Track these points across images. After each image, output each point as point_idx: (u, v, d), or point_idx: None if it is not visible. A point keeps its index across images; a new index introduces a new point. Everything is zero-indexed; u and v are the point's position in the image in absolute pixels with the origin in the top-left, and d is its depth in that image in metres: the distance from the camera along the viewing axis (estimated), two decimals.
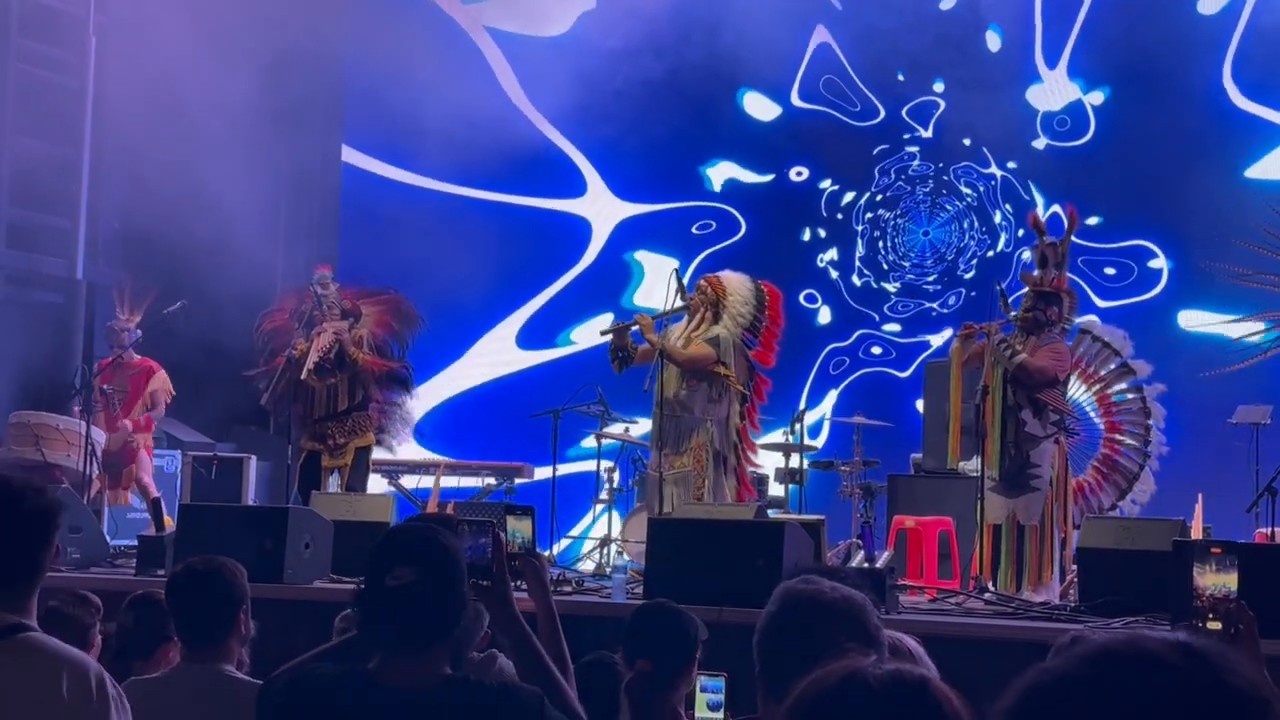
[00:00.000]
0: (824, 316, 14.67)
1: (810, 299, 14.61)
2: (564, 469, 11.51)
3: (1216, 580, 2.59)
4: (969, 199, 14.47)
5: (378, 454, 10.62)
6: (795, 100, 14.62)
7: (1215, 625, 2.57)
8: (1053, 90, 14.37)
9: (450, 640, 2.97)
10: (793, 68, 14.50)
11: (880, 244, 14.67)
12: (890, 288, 14.57)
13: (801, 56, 14.49)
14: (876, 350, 14.53)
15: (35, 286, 13.07)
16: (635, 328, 9.31)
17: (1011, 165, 14.30)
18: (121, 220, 13.59)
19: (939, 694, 1.68)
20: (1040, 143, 14.28)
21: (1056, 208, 13.68)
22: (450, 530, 3.11)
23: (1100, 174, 14.04)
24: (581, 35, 14.07)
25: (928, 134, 14.47)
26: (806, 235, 14.71)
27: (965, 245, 14.46)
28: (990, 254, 14.34)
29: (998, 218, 14.42)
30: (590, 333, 14.15)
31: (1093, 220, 13.93)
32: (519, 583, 3.30)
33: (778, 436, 10.88)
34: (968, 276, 14.33)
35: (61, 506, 3.28)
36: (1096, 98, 14.26)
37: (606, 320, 14.14)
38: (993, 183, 14.40)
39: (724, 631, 5.41)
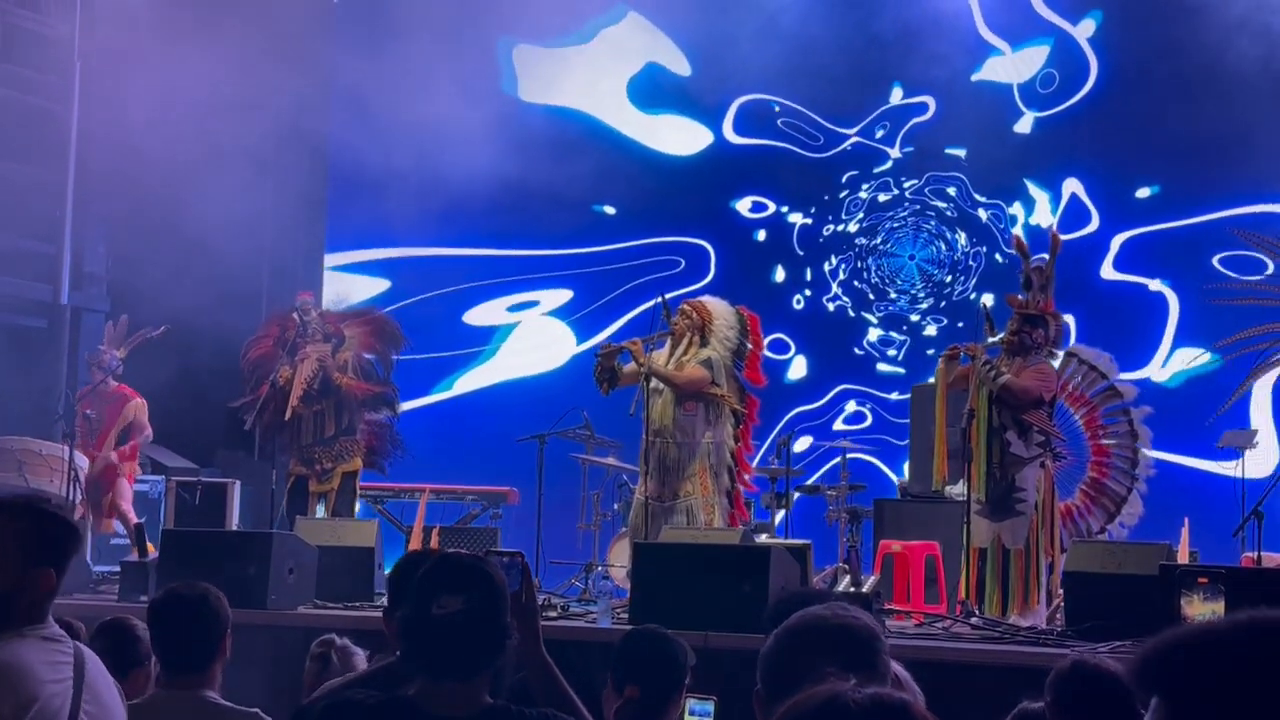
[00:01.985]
0: (797, 369, 13.49)
1: (779, 346, 13.24)
2: None
3: (1204, 609, 2.59)
4: (946, 211, 13.35)
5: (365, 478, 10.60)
6: (732, 135, 13.88)
7: None
8: (1017, 54, 12.41)
9: (491, 670, 2.96)
10: (734, 102, 13.81)
11: (863, 274, 13.58)
12: (871, 317, 13.55)
13: (737, 91, 13.70)
14: (858, 416, 12.78)
15: (19, 311, 13.02)
16: (626, 350, 9.28)
17: (995, 160, 12.87)
18: (106, 246, 13.57)
19: (919, 719, 1.67)
20: (1024, 123, 12.69)
21: (1075, 185, 12.34)
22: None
23: (1126, 128, 11.85)
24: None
25: (895, 152, 13.51)
26: (780, 275, 13.82)
27: (959, 261, 13.34)
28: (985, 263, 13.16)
29: (983, 215, 13.12)
30: (474, 379, 13.97)
31: (1144, 193, 11.82)
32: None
33: None
34: (971, 298, 13.03)
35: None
36: (1087, 28, 12.27)
37: (483, 374, 14.02)
38: (965, 189, 13.14)
39: (710, 656, 5.40)
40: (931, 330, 13.51)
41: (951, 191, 13.43)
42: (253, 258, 12.88)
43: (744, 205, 14.06)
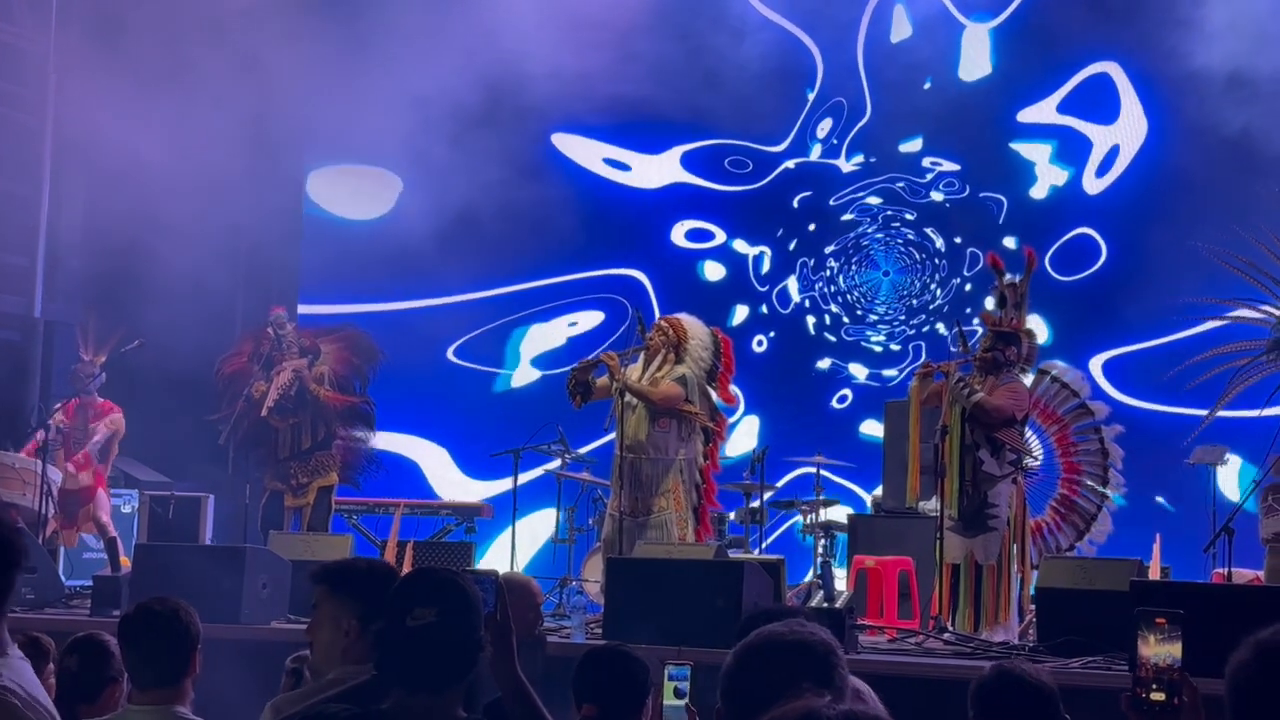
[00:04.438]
0: (742, 438, 12.12)
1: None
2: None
3: (1160, 650, 2.60)
4: (907, 214, 12.44)
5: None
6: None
7: (1159, 696, 2.58)
8: None
9: (465, 683, 2.98)
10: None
11: (837, 298, 12.66)
12: (831, 338, 12.74)
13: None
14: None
15: None
16: (602, 364, 9.28)
17: (962, 135, 11.89)
18: (80, 259, 13.51)
19: None
20: (979, 59, 11.37)
21: (1112, 68, 11.38)
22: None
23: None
24: None
25: (849, 165, 12.66)
26: (740, 316, 12.95)
27: (939, 264, 12.44)
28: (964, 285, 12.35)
29: (939, 197, 12.04)
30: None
31: None
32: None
33: None
34: (968, 289, 12.13)
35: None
36: None
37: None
38: (916, 185, 12.17)
39: None
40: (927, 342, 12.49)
41: (900, 186, 12.53)
42: (228, 271, 12.84)
43: (684, 241, 13.34)
